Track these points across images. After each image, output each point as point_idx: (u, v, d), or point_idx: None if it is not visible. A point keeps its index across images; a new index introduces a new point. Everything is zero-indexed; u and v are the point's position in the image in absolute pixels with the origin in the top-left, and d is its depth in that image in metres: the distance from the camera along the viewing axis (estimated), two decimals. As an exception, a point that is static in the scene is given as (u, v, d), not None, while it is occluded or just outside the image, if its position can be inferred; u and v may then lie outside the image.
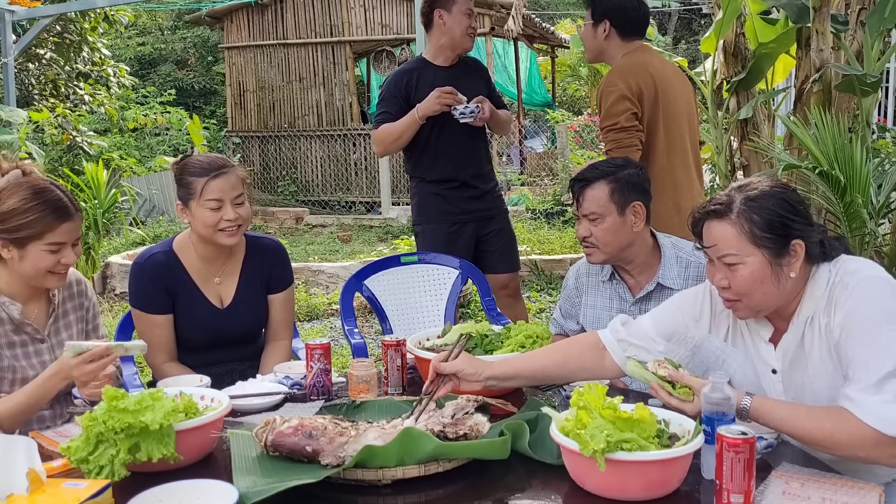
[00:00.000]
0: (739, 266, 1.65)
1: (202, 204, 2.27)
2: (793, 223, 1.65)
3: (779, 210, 1.65)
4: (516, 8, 9.83)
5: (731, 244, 1.66)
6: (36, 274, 1.97)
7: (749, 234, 1.64)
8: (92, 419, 1.48)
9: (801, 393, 1.72)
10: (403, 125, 3.28)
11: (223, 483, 1.40)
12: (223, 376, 2.28)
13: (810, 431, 1.57)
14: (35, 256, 1.95)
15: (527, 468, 1.57)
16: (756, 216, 1.64)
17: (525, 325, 2.09)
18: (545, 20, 14.25)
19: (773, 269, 1.65)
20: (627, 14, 2.95)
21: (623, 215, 2.18)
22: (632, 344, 1.88)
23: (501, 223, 3.55)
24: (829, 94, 4.53)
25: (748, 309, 1.72)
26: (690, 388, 1.60)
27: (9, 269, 1.99)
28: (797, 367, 1.72)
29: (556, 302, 5.93)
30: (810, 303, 1.68)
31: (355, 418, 1.74)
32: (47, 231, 1.94)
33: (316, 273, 6.60)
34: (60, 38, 8.10)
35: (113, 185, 7.47)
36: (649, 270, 2.24)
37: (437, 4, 3.31)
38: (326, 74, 11.46)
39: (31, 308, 2.06)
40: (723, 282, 1.70)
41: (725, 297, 1.73)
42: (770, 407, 1.60)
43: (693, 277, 2.18)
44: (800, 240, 1.65)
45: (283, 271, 2.49)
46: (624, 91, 2.81)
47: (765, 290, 1.66)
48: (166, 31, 18.63)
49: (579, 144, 11.21)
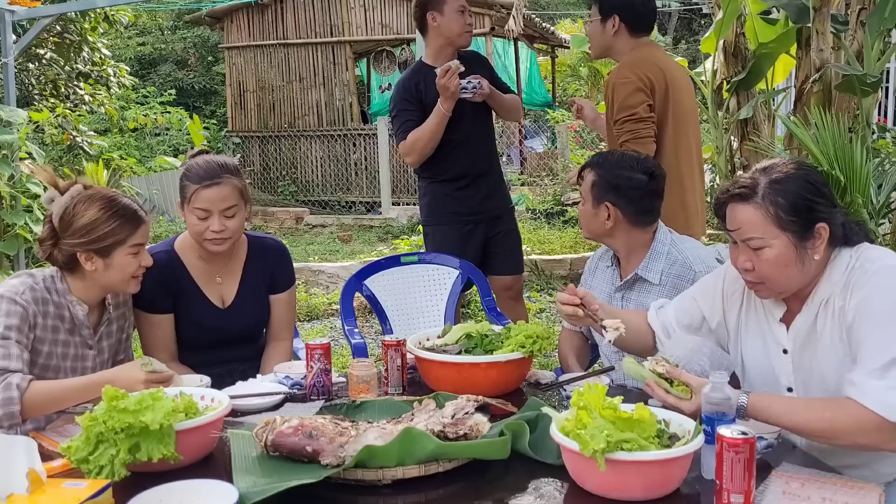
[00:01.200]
0: (765, 249, 1.65)
1: (191, 210, 2.26)
2: (817, 206, 1.65)
3: (804, 193, 1.65)
4: (516, 8, 9.84)
5: (757, 227, 1.66)
6: (122, 279, 2.05)
7: (774, 217, 1.64)
8: (92, 419, 1.48)
9: (810, 375, 1.72)
10: (433, 123, 3.19)
11: (223, 483, 1.40)
12: (223, 376, 2.27)
13: (809, 422, 1.57)
14: (121, 262, 2.03)
15: (527, 468, 1.57)
16: (781, 199, 1.64)
17: (525, 325, 2.09)
18: (545, 20, 14.25)
19: (797, 251, 1.65)
20: (636, 9, 2.93)
21: (596, 208, 2.27)
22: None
23: (509, 224, 3.54)
24: (829, 94, 4.53)
25: (770, 291, 1.72)
26: (688, 386, 1.60)
27: (86, 280, 2.04)
28: (807, 349, 1.72)
29: (556, 302, 5.94)
30: (827, 286, 1.68)
31: (355, 418, 1.74)
32: (130, 235, 2.03)
33: (316, 273, 6.60)
34: (60, 38, 8.09)
35: (113, 185, 7.47)
36: (636, 262, 2.29)
37: (428, 7, 3.27)
38: (326, 74, 11.46)
39: (91, 315, 2.10)
40: (746, 264, 1.69)
41: (748, 280, 1.73)
42: (767, 403, 1.60)
43: (674, 275, 2.22)
44: (824, 223, 1.65)
45: (285, 271, 2.49)
46: (638, 83, 2.79)
47: (789, 272, 1.66)
48: (166, 31, 18.62)
49: (579, 144, 11.21)
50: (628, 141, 2.76)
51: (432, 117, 3.19)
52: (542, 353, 2.02)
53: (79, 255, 2.00)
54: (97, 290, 2.07)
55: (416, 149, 3.25)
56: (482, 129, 3.43)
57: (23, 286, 1.95)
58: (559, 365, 2.53)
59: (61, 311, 2.01)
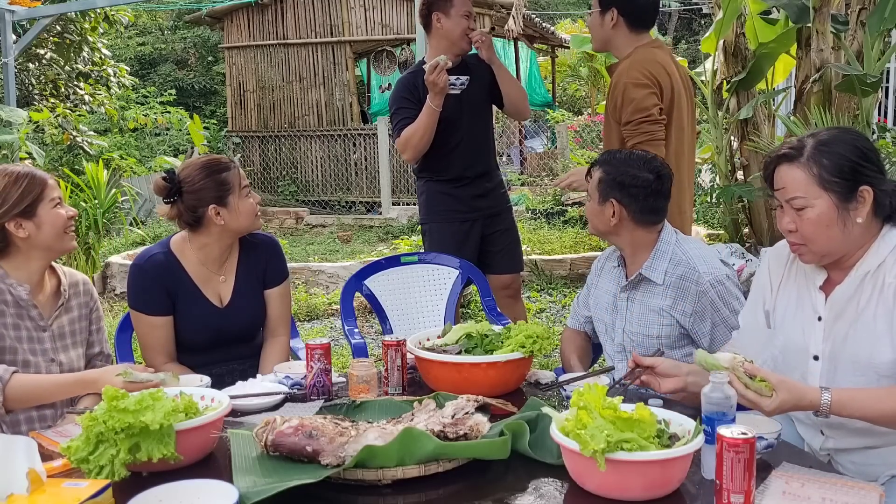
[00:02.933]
0: (807, 209, 1.67)
1: (242, 195, 2.34)
2: (862, 169, 1.67)
3: (849, 155, 1.66)
4: (516, 8, 9.83)
5: (799, 187, 1.68)
6: (56, 234, 2.09)
7: (817, 177, 1.66)
8: (92, 419, 1.48)
9: (842, 345, 1.73)
10: (424, 118, 3.20)
11: (223, 483, 1.40)
12: (223, 376, 2.28)
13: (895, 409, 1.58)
14: (49, 216, 2.07)
15: (527, 468, 1.57)
16: (826, 160, 1.66)
17: (525, 325, 2.09)
18: (545, 20, 14.25)
19: (839, 213, 1.66)
20: (636, 3, 2.90)
21: (602, 205, 2.26)
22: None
23: (507, 222, 3.55)
24: (829, 94, 4.53)
25: (813, 254, 1.73)
26: (770, 383, 1.55)
27: (21, 254, 2.08)
28: (844, 319, 1.73)
29: (555, 302, 5.95)
30: (874, 258, 1.70)
31: (355, 418, 1.74)
32: (43, 189, 2.08)
33: (316, 273, 6.60)
34: (60, 38, 8.09)
35: (113, 185, 7.47)
36: (640, 262, 2.29)
37: (433, 8, 3.28)
38: (326, 74, 11.46)
39: (39, 297, 2.12)
40: (790, 225, 1.71)
41: (792, 241, 1.75)
42: (849, 396, 1.59)
43: (678, 275, 2.20)
44: (868, 186, 1.66)
45: (278, 264, 2.50)
46: (651, 86, 2.78)
47: (830, 234, 1.67)
48: (166, 31, 18.63)
49: (579, 144, 11.21)
50: (643, 143, 2.73)
51: (423, 113, 3.21)
52: (542, 353, 2.02)
53: (7, 225, 2.03)
54: (35, 262, 2.10)
55: (411, 145, 3.27)
56: (482, 130, 3.44)
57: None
58: (559, 365, 2.53)
59: (3, 296, 2.04)
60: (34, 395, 1.93)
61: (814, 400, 1.57)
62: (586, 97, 17.11)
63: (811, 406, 1.58)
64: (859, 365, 1.69)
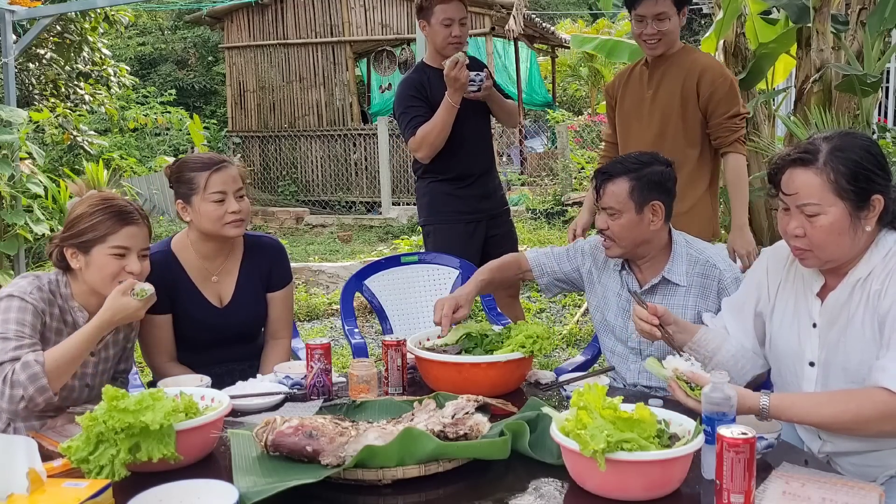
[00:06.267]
0: (820, 216, 1.64)
1: (206, 198, 2.27)
2: (876, 177, 1.64)
3: (865, 163, 1.63)
4: (516, 8, 9.83)
5: (814, 193, 1.64)
6: (102, 281, 1.99)
7: (834, 184, 1.62)
8: (92, 419, 1.48)
9: (834, 352, 1.72)
10: (443, 114, 3.19)
11: (223, 483, 1.40)
12: (223, 376, 2.27)
13: (835, 416, 1.57)
14: (100, 261, 1.98)
15: (527, 468, 1.57)
16: (843, 167, 1.62)
17: (525, 325, 2.09)
18: (545, 20, 14.24)
19: (851, 221, 1.64)
20: None
21: (641, 213, 2.15)
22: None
23: (507, 225, 3.56)
24: (829, 94, 4.53)
25: (818, 259, 1.70)
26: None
27: (80, 281, 2.03)
28: (836, 325, 1.72)
29: (555, 302, 5.95)
30: (866, 266, 1.68)
31: (355, 418, 1.74)
32: (110, 233, 1.98)
33: (316, 273, 6.60)
34: (61, 38, 8.09)
35: (113, 184, 7.46)
36: (658, 265, 2.25)
37: (419, 14, 3.35)
38: (326, 74, 11.47)
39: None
40: (798, 230, 1.67)
41: (796, 246, 1.70)
42: (790, 402, 1.60)
43: (699, 274, 2.19)
44: (880, 195, 1.64)
45: (282, 269, 2.49)
46: None
47: (840, 241, 1.65)
48: (166, 31, 18.63)
49: (579, 144, 11.20)
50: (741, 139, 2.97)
51: (441, 110, 3.20)
52: (542, 353, 2.02)
53: (65, 250, 2.00)
54: (94, 295, 2.03)
55: (428, 142, 3.25)
56: (482, 130, 3.45)
57: (30, 286, 1.96)
58: (559, 365, 2.52)
59: (65, 316, 2.01)
60: (71, 359, 1.87)
61: (752, 406, 1.58)
62: (586, 97, 17.11)
63: (751, 411, 1.59)
64: (850, 372, 1.68)
